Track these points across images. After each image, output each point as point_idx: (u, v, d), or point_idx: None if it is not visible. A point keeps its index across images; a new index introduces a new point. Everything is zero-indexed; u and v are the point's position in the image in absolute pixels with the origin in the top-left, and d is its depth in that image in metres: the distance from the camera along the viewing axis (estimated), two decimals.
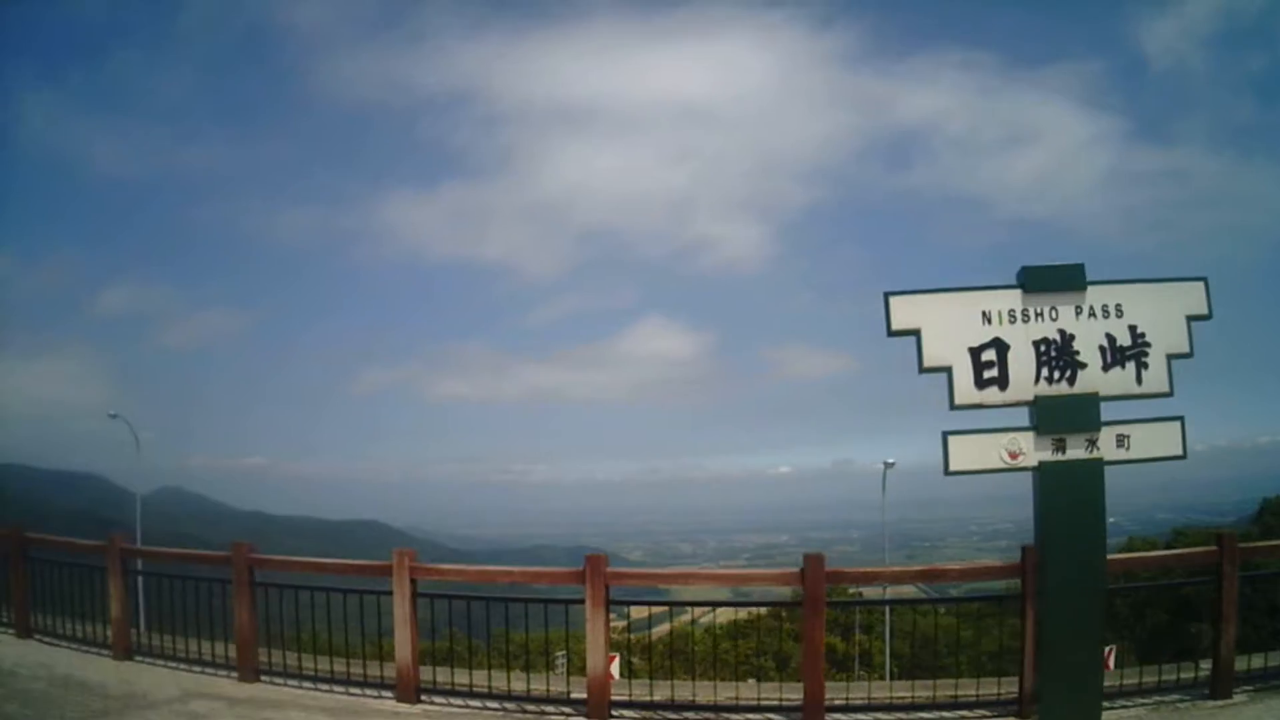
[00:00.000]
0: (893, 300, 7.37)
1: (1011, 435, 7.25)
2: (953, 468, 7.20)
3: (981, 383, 7.23)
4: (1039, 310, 7.32)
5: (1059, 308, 7.32)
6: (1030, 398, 7.25)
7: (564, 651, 33.97)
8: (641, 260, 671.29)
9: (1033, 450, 7.23)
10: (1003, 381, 7.24)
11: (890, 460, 28.77)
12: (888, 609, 30.13)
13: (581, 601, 9.11)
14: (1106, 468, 7.26)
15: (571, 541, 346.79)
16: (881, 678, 40.22)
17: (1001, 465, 7.23)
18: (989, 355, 7.24)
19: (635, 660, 50.05)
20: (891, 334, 7.37)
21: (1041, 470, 7.23)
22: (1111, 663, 8.61)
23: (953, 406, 7.25)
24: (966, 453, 7.24)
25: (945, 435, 7.26)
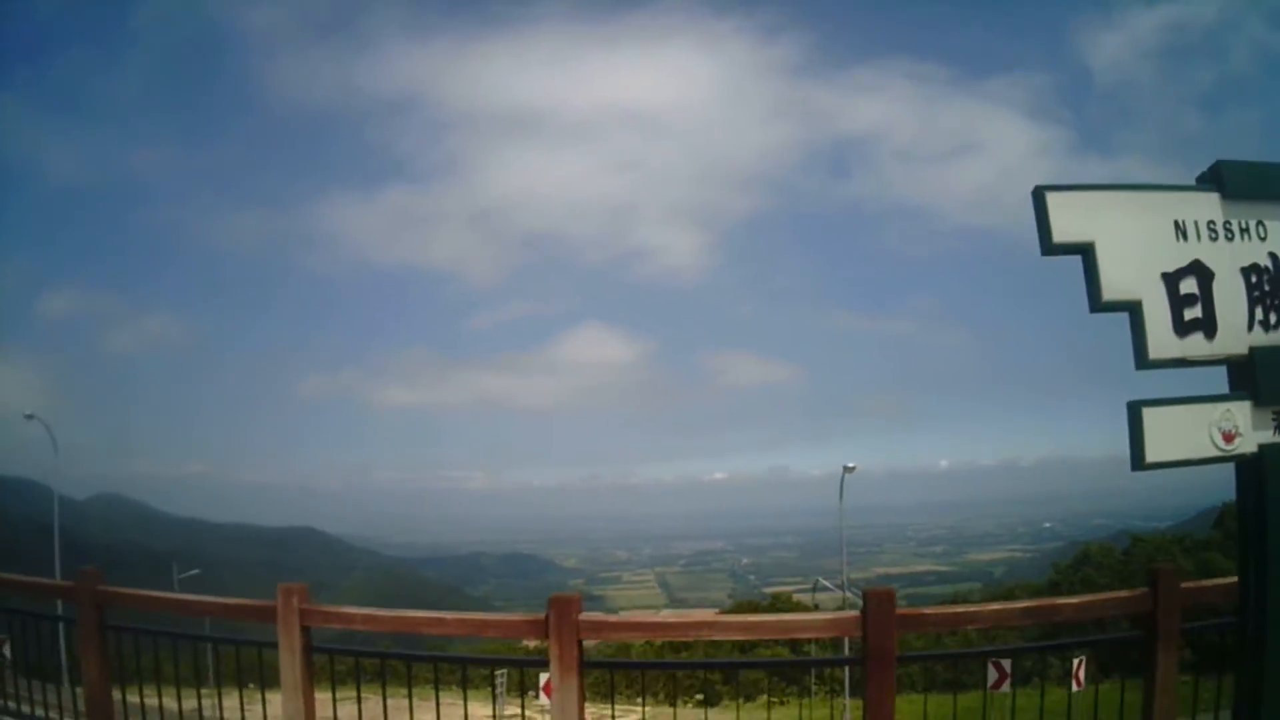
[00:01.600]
0: (1052, 199, 4.37)
1: (1225, 408, 4.56)
2: (1151, 458, 4.45)
3: (1182, 327, 4.58)
4: (1244, 224, 4.74)
5: (1267, 223, 4.85)
6: (1244, 350, 4.61)
7: (503, 670, 30.84)
8: (583, 266, 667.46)
9: (1250, 428, 4.58)
10: (1209, 326, 4.57)
11: (851, 465, 26.54)
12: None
13: (543, 664, 6.33)
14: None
15: (509, 548, 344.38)
16: (828, 691, 38.31)
17: (1215, 452, 4.52)
18: (1188, 286, 4.59)
19: None
20: (1052, 250, 4.49)
21: (1264, 457, 4.54)
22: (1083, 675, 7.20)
23: (1143, 363, 4.57)
24: (1168, 434, 4.46)
25: (1135, 407, 4.55)
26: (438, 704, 7.32)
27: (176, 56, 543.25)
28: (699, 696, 45.40)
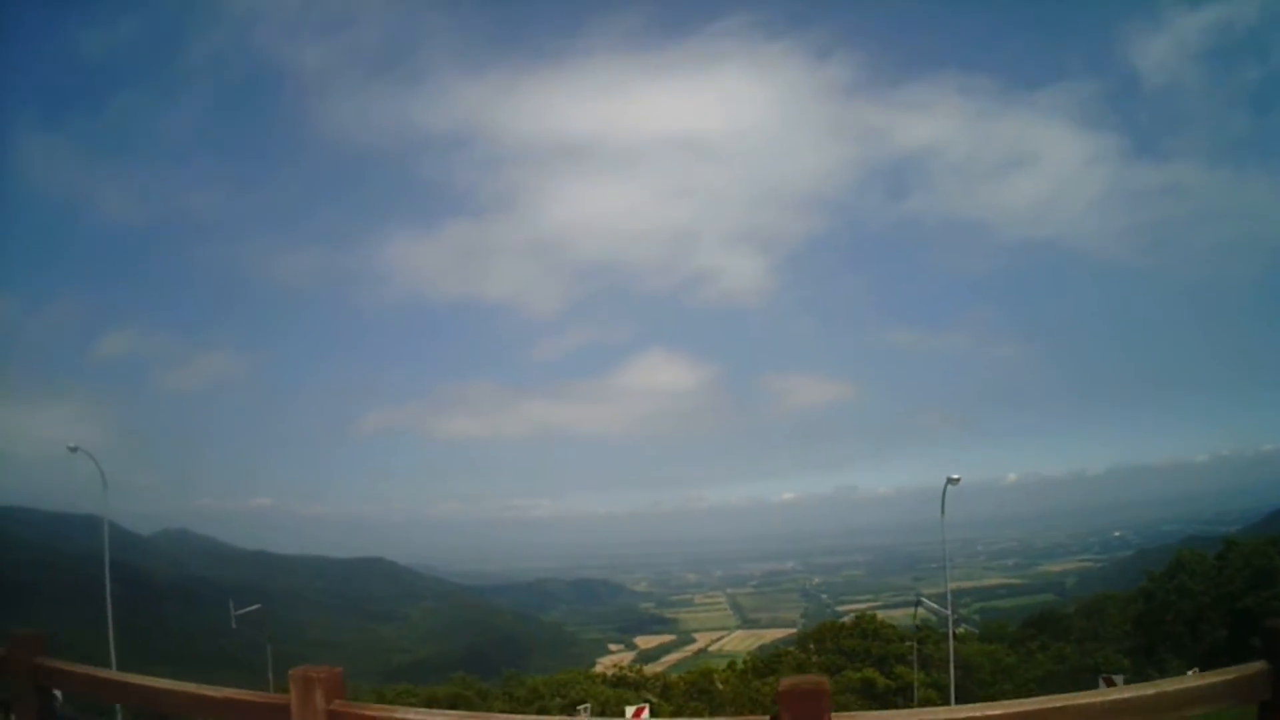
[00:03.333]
0: None
1: None
2: None
3: None
4: None
5: None
6: None
7: (587, 704, 29.87)
8: (643, 294, 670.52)
9: None
10: None
11: (955, 476, 25.38)
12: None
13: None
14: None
15: (577, 574, 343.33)
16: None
17: None
18: None
19: (653, 699, 45.01)
20: None
21: None
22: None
23: None
24: None
25: None
26: None
27: (231, 96, 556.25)
28: None
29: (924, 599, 32.74)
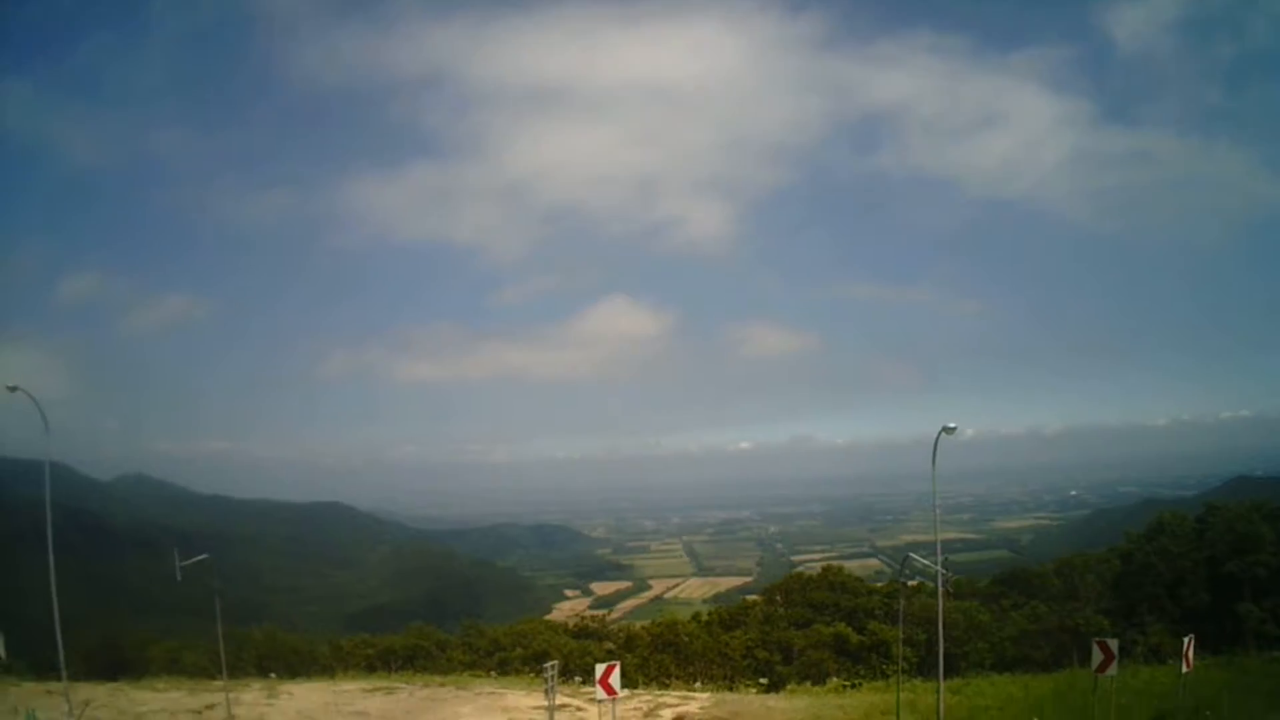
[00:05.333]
0: None
1: None
2: None
3: None
4: None
5: None
6: None
7: (554, 663, 28.00)
8: (607, 240, 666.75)
9: None
10: None
11: (951, 425, 23.70)
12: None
13: None
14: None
15: (535, 520, 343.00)
16: (897, 671, 35.66)
17: None
18: None
19: (613, 649, 42.78)
20: None
21: None
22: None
23: None
24: None
25: None
26: None
27: (196, 39, 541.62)
28: (762, 680, 42.96)
29: (914, 558, 31.34)
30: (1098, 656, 24.99)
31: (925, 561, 29.82)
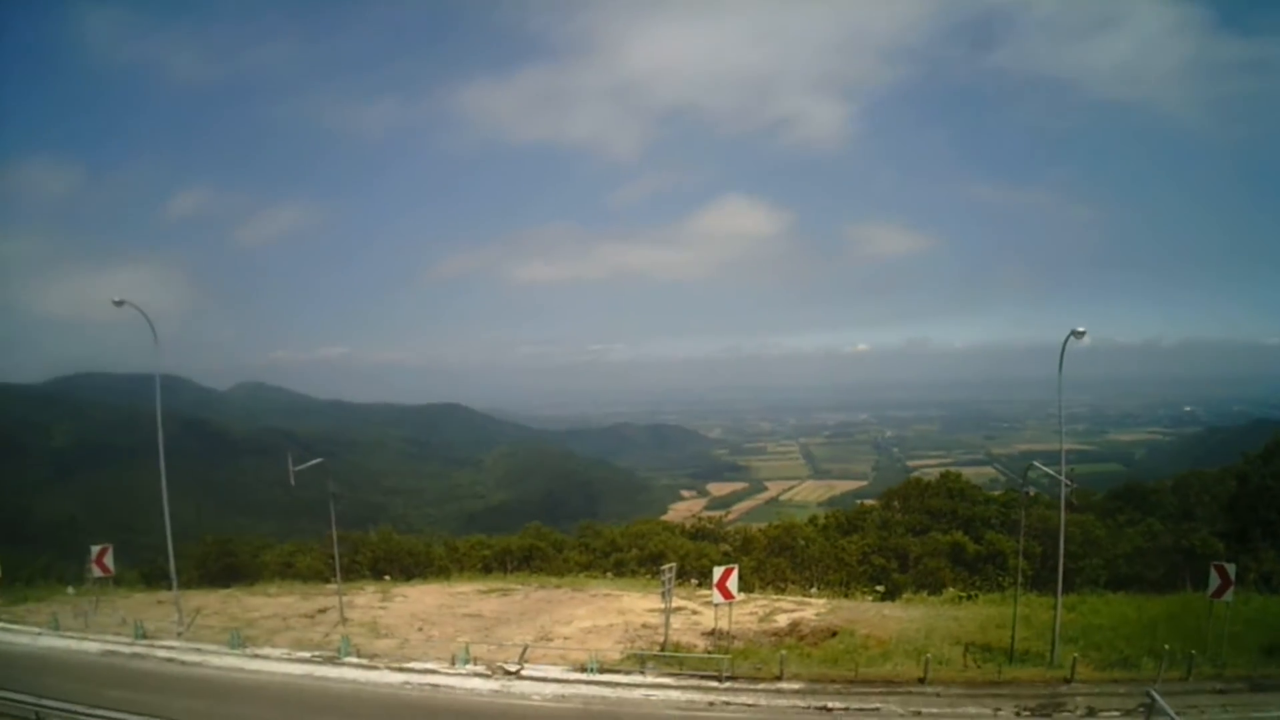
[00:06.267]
0: None
1: None
2: None
3: None
4: None
5: None
6: None
7: (671, 565, 27.28)
8: (722, 139, 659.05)
9: None
10: None
11: (1081, 329, 21.87)
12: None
13: None
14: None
15: (651, 419, 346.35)
16: (1013, 582, 34.20)
17: None
18: None
19: (729, 551, 42.33)
20: None
21: None
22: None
23: None
24: None
25: None
26: None
27: None
28: (878, 588, 42.03)
29: (1038, 465, 29.81)
30: (1215, 581, 23.79)
31: (1049, 470, 28.37)
